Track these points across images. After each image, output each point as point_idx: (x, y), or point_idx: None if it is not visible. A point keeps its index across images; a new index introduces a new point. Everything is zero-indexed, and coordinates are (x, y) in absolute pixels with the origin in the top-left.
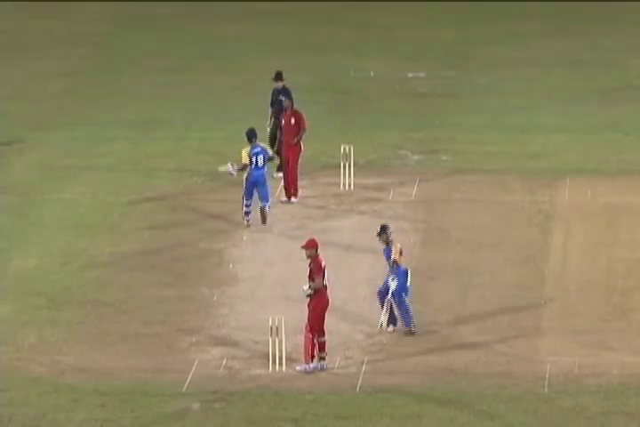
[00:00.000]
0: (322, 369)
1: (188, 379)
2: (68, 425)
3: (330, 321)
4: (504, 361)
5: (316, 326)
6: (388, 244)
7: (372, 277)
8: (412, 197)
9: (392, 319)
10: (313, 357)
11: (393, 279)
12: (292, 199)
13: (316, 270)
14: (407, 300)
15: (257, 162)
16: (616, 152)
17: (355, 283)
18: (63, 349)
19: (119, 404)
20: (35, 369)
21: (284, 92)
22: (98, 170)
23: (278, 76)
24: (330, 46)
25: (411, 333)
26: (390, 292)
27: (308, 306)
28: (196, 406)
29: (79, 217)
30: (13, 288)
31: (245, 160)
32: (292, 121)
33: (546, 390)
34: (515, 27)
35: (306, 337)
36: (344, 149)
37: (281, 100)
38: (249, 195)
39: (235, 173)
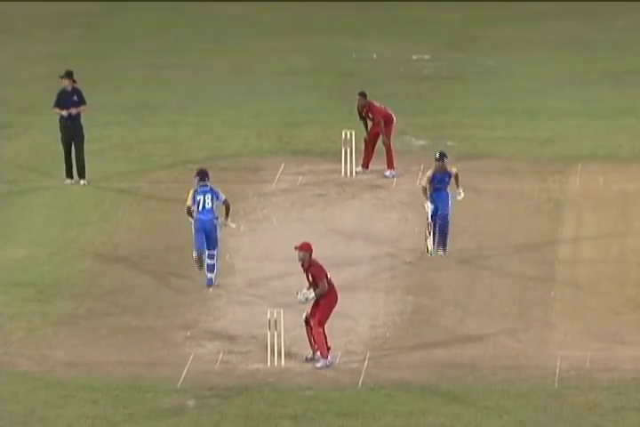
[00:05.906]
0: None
1: (183, 374)
2: (58, 422)
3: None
4: (512, 355)
5: (323, 320)
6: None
7: (375, 268)
8: (417, 185)
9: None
10: (329, 348)
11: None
12: (387, 173)
13: (318, 274)
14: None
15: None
16: (630, 137)
17: (357, 274)
18: (53, 342)
19: (111, 400)
20: (23, 364)
21: (77, 92)
22: (89, 156)
23: (68, 76)
24: (330, 27)
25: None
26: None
27: (315, 302)
28: (191, 402)
29: (69, 205)
30: (1, 279)
31: (189, 202)
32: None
33: (556, 385)
34: (524, 6)
35: (316, 333)
36: (345, 134)
37: (76, 101)
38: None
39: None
